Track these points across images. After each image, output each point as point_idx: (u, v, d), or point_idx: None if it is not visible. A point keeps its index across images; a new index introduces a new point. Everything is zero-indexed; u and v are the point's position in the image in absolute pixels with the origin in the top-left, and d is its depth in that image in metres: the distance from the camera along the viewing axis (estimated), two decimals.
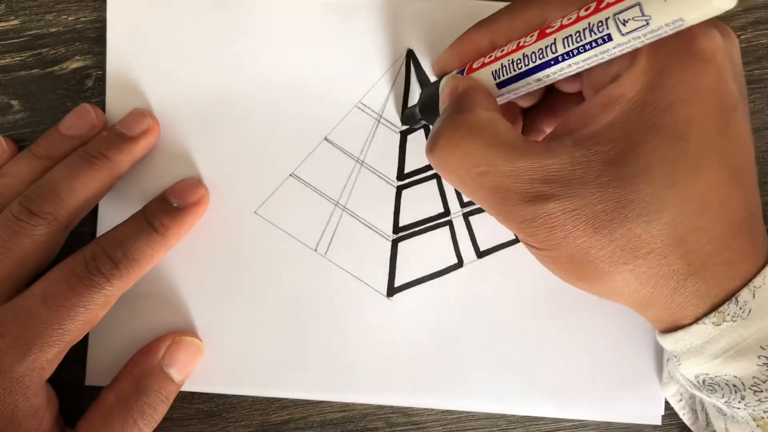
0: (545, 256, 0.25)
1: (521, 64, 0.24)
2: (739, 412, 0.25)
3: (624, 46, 0.21)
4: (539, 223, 0.23)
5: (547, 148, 0.23)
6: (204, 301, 0.32)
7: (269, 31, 0.32)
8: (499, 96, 0.26)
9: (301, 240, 0.32)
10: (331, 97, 0.32)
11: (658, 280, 0.23)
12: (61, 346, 0.27)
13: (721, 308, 0.24)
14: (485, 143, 0.23)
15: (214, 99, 0.32)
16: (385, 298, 0.32)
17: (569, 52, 0.22)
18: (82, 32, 0.32)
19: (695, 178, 0.22)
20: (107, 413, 0.29)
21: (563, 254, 0.24)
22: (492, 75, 0.25)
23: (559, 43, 0.22)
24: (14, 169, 0.30)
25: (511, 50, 0.24)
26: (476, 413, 0.33)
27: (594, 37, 0.21)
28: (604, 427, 0.33)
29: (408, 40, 0.32)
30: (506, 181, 0.23)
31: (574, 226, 0.23)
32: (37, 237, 0.28)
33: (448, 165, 0.24)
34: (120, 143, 0.30)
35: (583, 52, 0.22)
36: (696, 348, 0.25)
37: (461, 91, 0.25)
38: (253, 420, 0.33)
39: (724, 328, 0.24)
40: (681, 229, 0.22)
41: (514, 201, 0.23)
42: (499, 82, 0.25)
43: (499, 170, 0.23)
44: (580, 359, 0.32)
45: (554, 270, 0.25)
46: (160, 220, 0.30)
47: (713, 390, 0.25)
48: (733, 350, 0.24)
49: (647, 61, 0.22)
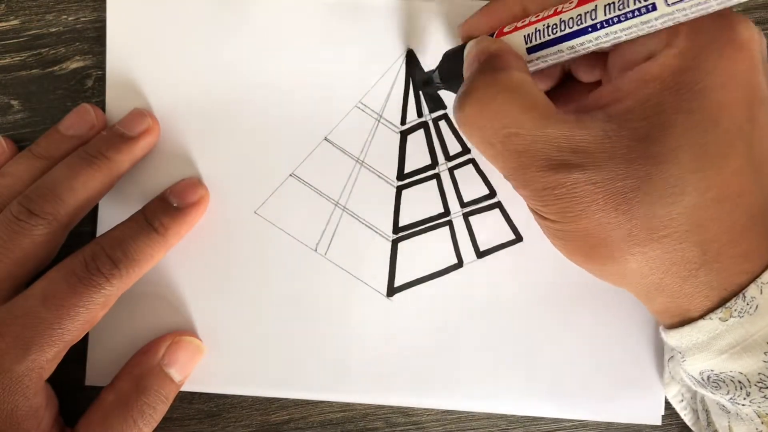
0: (558, 230, 0.24)
1: (557, 29, 0.23)
2: (744, 409, 0.25)
3: (667, 17, 0.21)
4: (561, 192, 0.23)
5: (578, 119, 0.23)
6: (204, 301, 0.32)
7: (269, 31, 0.32)
8: (529, 63, 0.25)
9: (301, 240, 0.32)
10: (331, 97, 0.32)
11: (669, 267, 0.23)
12: (61, 346, 0.27)
13: (728, 304, 0.23)
14: (518, 104, 0.23)
15: (214, 99, 0.32)
16: (385, 298, 0.32)
17: (609, 19, 0.22)
18: (82, 32, 0.32)
19: (722, 165, 0.22)
20: (107, 413, 0.29)
21: (579, 229, 0.23)
22: (524, 39, 0.25)
23: (600, 10, 0.22)
24: (14, 169, 0.30)
25: (547, 15, 0.24)
26: (476, 413, 0.33)
27: (638, 5, 0.21)
28: (604, 427, 0.32)
29: (408, 40, 0.32)
30: (535, 145, 0.23)
31: (595, 200, 0.22)
32: (36, 237, 0.28)
33: (476, 122, 0.24)
34: (120, 143, 0.30)
35: (624, 21, 0.21)
36: (701, 344, 0.25)
37: (494, 52, 0.25)
38: (253, 420, 0.33)
39: (730, 324, 0.23)
40: (700, 215, 0.22)
41: (539, 166, 0.23)
42: (530, 46, 0.25)
43: (529, 133, 0.23)
44: (580, 359, 0.32)
45: (565, 247, 0.25)
46: (160, 220, 0.29)
47: (718, 387, 0.25)
48: (739, 346, 0.24)
49: (686, 42, 0.22)
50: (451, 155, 0.32)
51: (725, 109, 0.22)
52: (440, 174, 0.32)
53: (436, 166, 0.32)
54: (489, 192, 0.32)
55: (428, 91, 0.32)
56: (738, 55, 0.22)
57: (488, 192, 0.32)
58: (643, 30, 0.22)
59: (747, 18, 0.23)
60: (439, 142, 0.32)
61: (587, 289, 0.32)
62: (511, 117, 0.23)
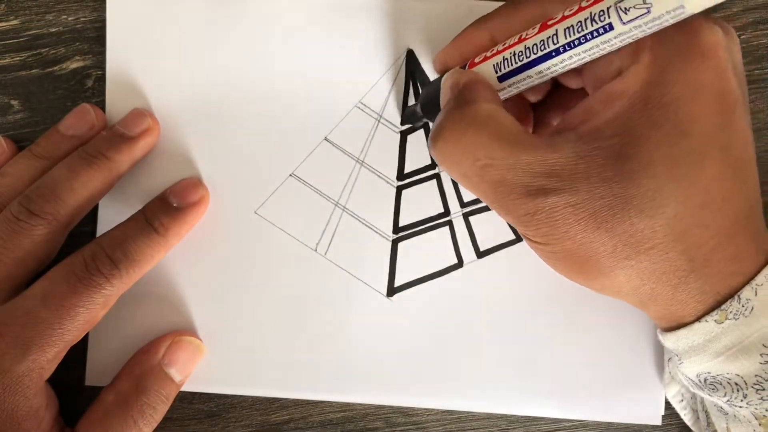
0: (547, 252, 0.25)
1: (523, 56, 0.24)
2: (741, 411, 0.25)
3: (625, 36, 0.21)
4: (541, 217, 0.23)
5: (550, 143, 0.23)
6: (204, 301, 0.32)
7: (269, 31, 0.32)
8: (501, 90, 0.26)
9: (301, 240, 0.32)
10: (331, 97, 0.32)
11: (659, 277, 0.23)
12: (61, 346, 0.27)
13: (724, 306, 0.23)
14: (488, 135, 0.23)
15: (214, 99, 0.32)
16: (385, 298, 0.32)
17: (571, 42, 0.22)
18: (82, 32, 0.32)
19: (698, 173, 0.22)
20: (107, 413, 0.29)
21: (565, 249, 0.23)
22: (494, 68, 0.25)
23: (560, 34, 0.22)
24: (14, 169, 0.30)
25: (513, 43, 0.24)
26: (476, 413, 0.33)
27: (595, 27, 0.21)
28: (604, 427, 0.33)
29: (408, 40, 0.32)
30: (509, 174, 0.23)
31: (576, 221, 0.23)
32: (36, 237, 0.28)
33: (450, 157, 0.24)
34: (120, 143, 0.30)
35: (584, 43, 0.22)
36: (698, 346, 0.25)
37: (463, 84, 0.25)
38: (253, 420, 0.33)
39: (726, 326, 0.24)
40: (683, 224, 0.22)
41: (516, 194, 0.23)
42: (501, 75, 0.25)
43: (502, 163, 0.23)
44: (580, 359, 0.32)
45: (556, 266, 0.25)
46: (160, 220, 0.29)
47: (715, 389, 0.25)
48: (735, 348, 0.24)
49: (650, 56, 0.22)
50: None
51: (695, 118, 0.22)
52: (440, 174, 0.32)
53: (436, 166, 0.32)
54: None
55: (414, 123, 0.32)
56: (704, 63, 0.22)
57: None
58: (606, 49, 0.22)
59: (712, 21, 0.23)
60: None
61: (587, 290, 0.32)
62: (483, 149, 0.23)
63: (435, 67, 0.29)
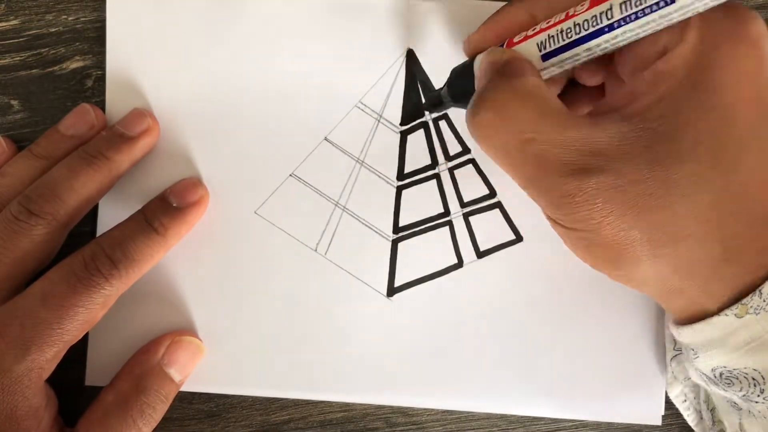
0: (578, 238, 0.24)
1: (572, 32, 0.23)
2: (757, 406, 0.25)
3: (687, 9, 0.20)
4: (582, 199, 0.22)
5: (595, 122, 0.23)
6: (204, 301, 0.32)
7: (269, 31, 0.32)
8: (542, 70, 0.25)
9: (301, 240, 0.32)
10: (331, 97, 0.32)
11: (693, 265, 0.23)
12: (60, 346, 0.27)
13: (744, 300, 0.23)
14: (534, 109, 0.23)
15: (214, 99, 0.32)
16: (385, 298, 0.32)
17: (627, 17, 0.21)
18: (82, 32, 0.32)
19: (740, 161, 0.22)
20: (107, 413, 0.29)
21: (600, 236, 0.23)
22: (537, 47, 0.24)
23: (615, 9, 0.22)
24: (14, 169, 0.30)
25: (559, 20, 0.24)
26: (476, 413, 0.33)
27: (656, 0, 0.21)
28: (604, 427, 0.32)
29: (408, 40, 0.32)
30: (552, 151, 0.22)
31: (617, 204, 0.22)
32: (36, 237, 0.28)
33: (492, 130, 0.24)
34: (120, 143, 0.30)
35: (642, 17, 0.21)
36: (716, 340, 0.24)
37: (506, 60, 0.24)
38: (253, 420, 0.33)
39: (746, 320, 0.23)
40: (720, 212, 0.22)
41: (558, 173, 0.22)
42: (545, 53, 0.24)
43: (547, 138, 0.23)
44: (580, 359, 0.32)
45: (584, 253, 0.24)
46: (160, 220, 0.29)
47: (730, 383, 0.25)
48: (754, 343, 0.23)
49: (697, 36, 0.22)
50: (451, 155, 0.32)
51: (741, 105, 0.22)
52: (440, 174, 0.32)
53: (436, 166, 0.32)
54: (489, 192, 0.32)
55: (439, 110, 0.31)
56: (750, 51, 0.22)
57: (488, 192, 0.32)
58: (662, 24, 0.21)
59: (756, 13, 0.23)
60: (439, 142, 0.32)
61: (587, 290, 0.32)
62: (528, 122, 0.23)
63: (465, 50, 0.28)
